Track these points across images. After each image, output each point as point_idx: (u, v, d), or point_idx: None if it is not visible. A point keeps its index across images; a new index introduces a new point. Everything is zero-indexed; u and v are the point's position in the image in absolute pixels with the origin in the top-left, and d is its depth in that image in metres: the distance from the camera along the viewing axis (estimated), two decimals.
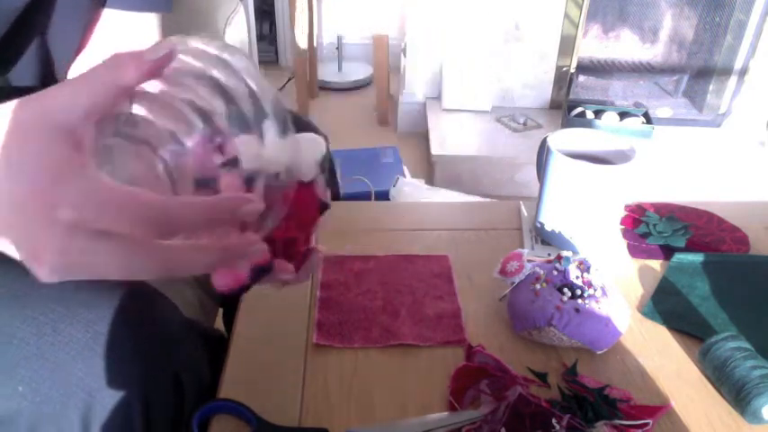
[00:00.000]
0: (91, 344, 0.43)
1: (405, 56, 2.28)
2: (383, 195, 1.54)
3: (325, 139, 0.80)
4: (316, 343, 0.55)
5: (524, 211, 0.75)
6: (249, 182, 0.32)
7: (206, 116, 0.32)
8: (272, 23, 2.94)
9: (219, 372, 0.52)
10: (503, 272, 0.58)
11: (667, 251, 0.68)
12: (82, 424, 0.42)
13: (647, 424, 0.46)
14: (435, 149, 1.93)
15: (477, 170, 1.95)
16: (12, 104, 0.29)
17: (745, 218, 0.74)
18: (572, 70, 2.11)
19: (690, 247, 0.68)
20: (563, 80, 2.16)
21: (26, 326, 0.43)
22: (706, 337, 0.53)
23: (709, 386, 0.52)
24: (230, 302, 0.79)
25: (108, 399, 0.43)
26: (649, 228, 0.71)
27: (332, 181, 0.88)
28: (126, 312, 0.45)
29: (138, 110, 0.32)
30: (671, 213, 0.74)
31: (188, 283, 0.76)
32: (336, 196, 0.90)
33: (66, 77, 0.61)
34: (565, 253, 0.57)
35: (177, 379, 0.47)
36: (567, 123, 2.01)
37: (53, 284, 0.42)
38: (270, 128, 0.32)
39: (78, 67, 0.62)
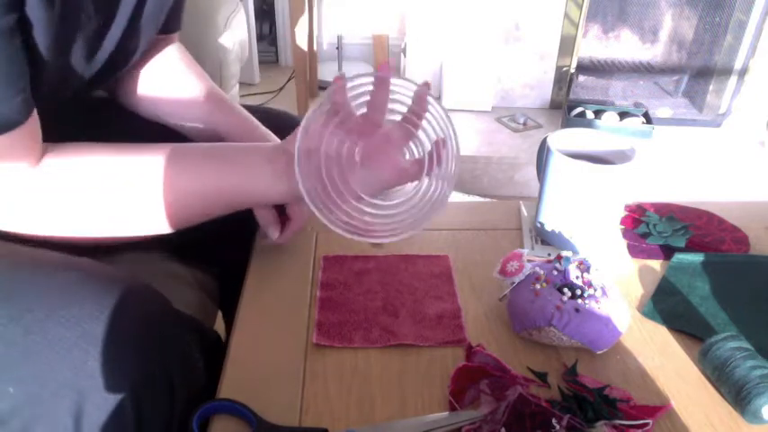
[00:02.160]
0: (80, 343, 0.42)
1: (405, 56, 2.28)
2: None
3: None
4: (315, 343, 0.55)
5: (524, 211, 0.75)
6: None
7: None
8: (272, 23, 2.94)
9: (216, 373, 0.52)
10: (503, 272, 0.58)
11: (667, 251, 0.68)
12: (74, 424, 0.42)
13: (647, 424, 0.46)
14: None
15: (477, 170, 1.95)
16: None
17: (745, 218, 0.74)
18: (572, 70, 2.11)
19: (690, 247, 0.68)
20: (563, 80, 2.16)
21: (13, 326, 0.42)
22: (706, 337, 0.53)
23: (709, 386, 0.52)
24: (229, 304, 0.79)
25: (99, 398, 0.42)
26: (649, 228, 0.71)
27: None
28: (116, 309, 0.44)
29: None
30: (671, 213, 0.74)
31: (189, 284, 0.76)
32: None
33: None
34: (565, 253, 0.57)
35: (169, 378, 0.47)
36: (566, 123, 2.01)
37: (39, 281, 0.44)
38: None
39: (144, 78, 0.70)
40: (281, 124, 0.73)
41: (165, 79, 0.71)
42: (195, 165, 0.54)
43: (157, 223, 0.53)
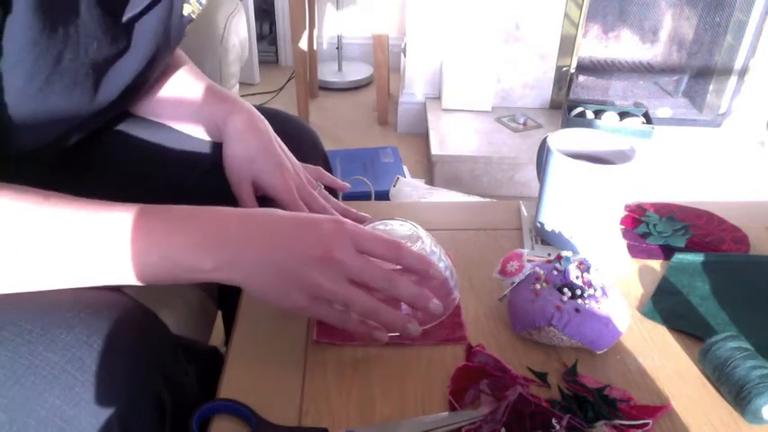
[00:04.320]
0: (68, 368, 0.41)
1: (405, 56, 2.28)
2: (383, 195, 1.54)
3: (316, 135, 0.82)
4: (316, 340, 0.55)
5: (524, 211, 0.75)
6: None
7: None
8: (272, 23, 2.94)
9: (213, 387, 0.51)
10: (503, 272, 0.58)
11: (667, 251, 0.68)
12: None
13: (647, 424, 0.46)
14: (435, 149, 1.93)
15: (477, 170, 1.95)
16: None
17: (745, 218, 0.74)
18: (572, 70, 2.11)
19: (690, 247, 0.68)
20: (563, 80, 2.16)
21: (1, 348, 0.41)
22: (706, 337, 0.53)
23: (709, 386, 0.52)
24: (229, 304, 0.79)
25: (86, 426, 0.41)
26: (649, 228, 0.71)
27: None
28: (105, 334, 0.43)
29: None
30: (671, 213, 0.74)
31: (189, 285, 0.76)
32: (335, 196, 0.90)
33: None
34: (565, 253, 0.57)
35: (160, 403, 0.45)
36: (566, 123, 2.01)
37: (28, 304, 0.43)
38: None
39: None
40: (280, 125, 0.73)
41: (162, 79, 0.71)
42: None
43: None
